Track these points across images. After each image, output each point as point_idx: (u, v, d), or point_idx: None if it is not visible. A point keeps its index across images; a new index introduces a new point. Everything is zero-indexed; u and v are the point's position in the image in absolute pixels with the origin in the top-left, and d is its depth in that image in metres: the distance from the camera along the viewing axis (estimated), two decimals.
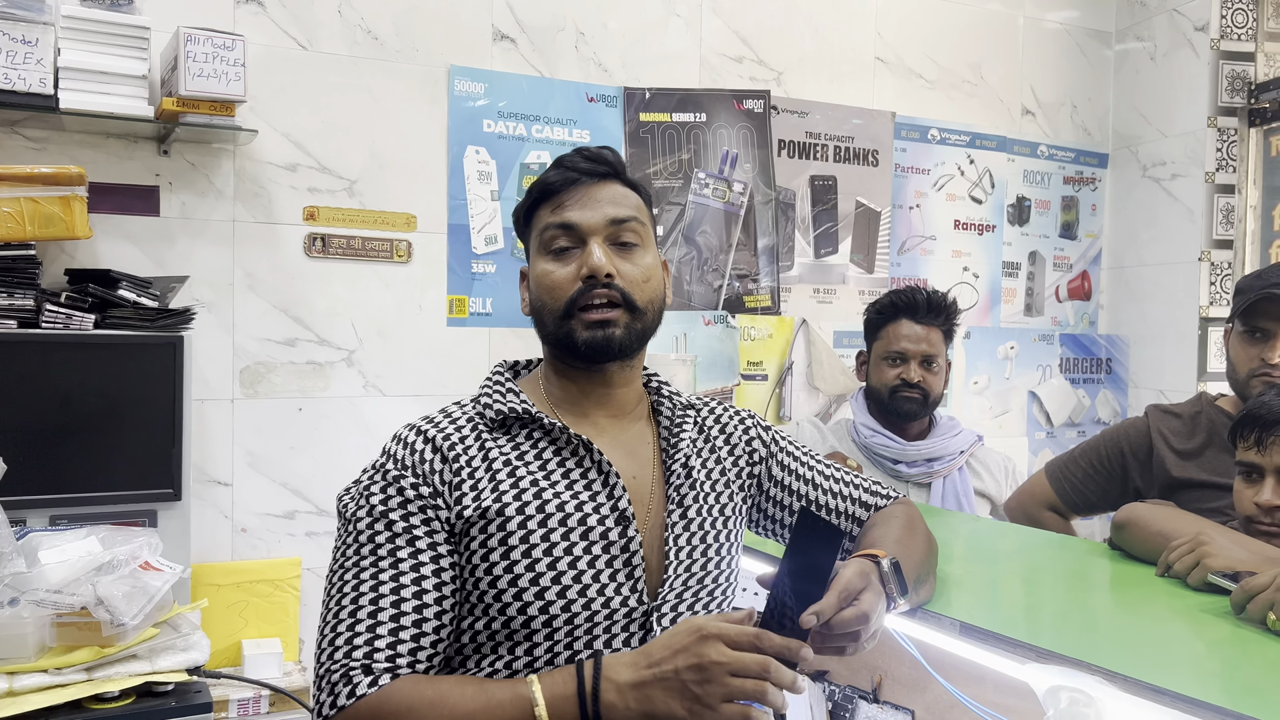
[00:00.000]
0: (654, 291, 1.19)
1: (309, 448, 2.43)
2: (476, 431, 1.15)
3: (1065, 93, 3.52)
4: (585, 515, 1.11)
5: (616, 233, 1.17)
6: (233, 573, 2.32)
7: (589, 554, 1.10)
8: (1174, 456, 1.93)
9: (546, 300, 1.17)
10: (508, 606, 1.08)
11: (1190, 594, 1.36)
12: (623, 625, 1.11)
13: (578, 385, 1.20)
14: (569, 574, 1.09)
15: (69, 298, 1.99)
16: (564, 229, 1.16)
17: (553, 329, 1.17)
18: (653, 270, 1.19)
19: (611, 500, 1.13)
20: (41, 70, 1.95)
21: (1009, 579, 1.61)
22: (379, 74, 2.51)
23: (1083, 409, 3.56)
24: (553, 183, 1.18)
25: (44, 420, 1.96)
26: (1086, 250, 3.60)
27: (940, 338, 2.45)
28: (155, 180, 2.28)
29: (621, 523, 1.12)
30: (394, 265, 2.53)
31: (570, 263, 1.15)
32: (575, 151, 1.20)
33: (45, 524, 1.94)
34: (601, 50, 2.78)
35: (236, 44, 2.08)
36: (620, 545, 1.11)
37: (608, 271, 1.13)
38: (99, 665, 1.66)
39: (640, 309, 1.16)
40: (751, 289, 2.97)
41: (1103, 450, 2.09)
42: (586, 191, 1.17)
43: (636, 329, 1.16)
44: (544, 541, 1.09)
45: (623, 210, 1.17)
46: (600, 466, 1.14)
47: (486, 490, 1.10)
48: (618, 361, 1.18)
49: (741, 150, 2.95)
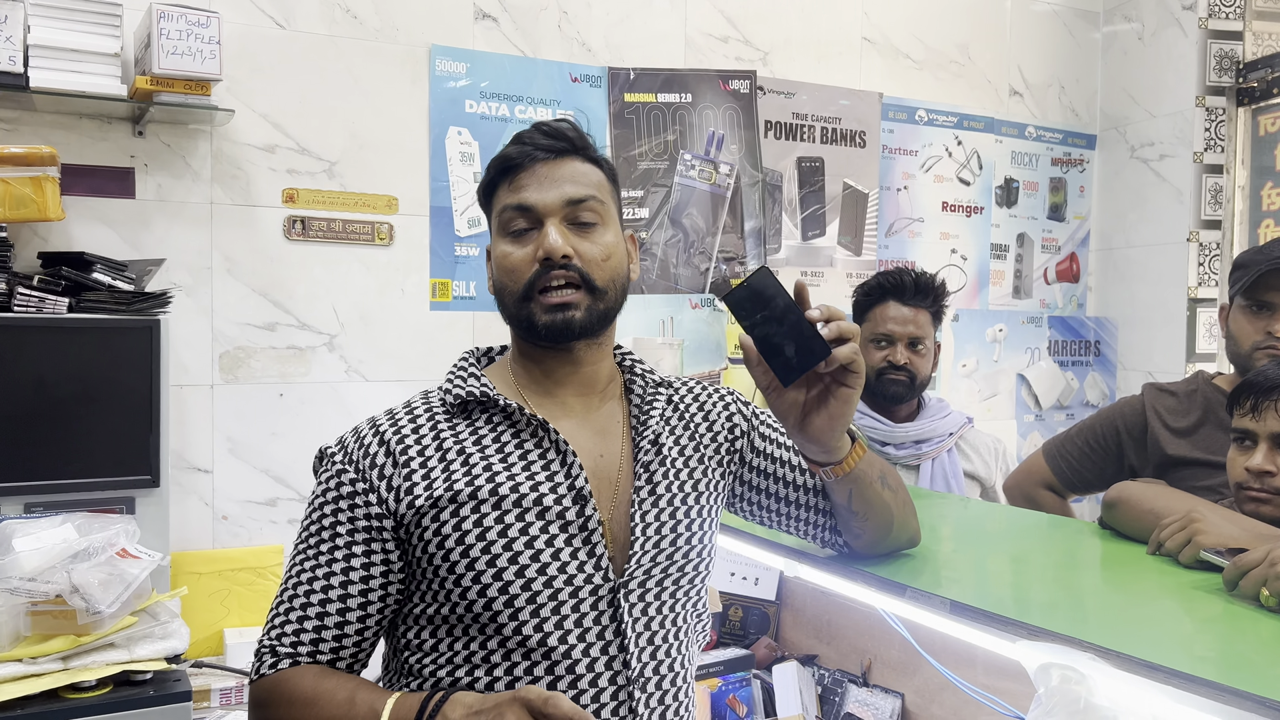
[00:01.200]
0: (615, 270, 1.17)
1: (290, 434, 2.40)
2: (433, 421, 1.15)
3: (1053, 74, 3.50)
4: (541, 495, 1.10)
5: (574, 213, 1.15)
6: (214, 561, 2.29)
7: (546, 533, 1.09)
8: (1169, 434, 1.93)
9: (506, 282, 1.15)
10: (467, 591, 1.07)
11: (1182, 572, 1.34)
12: (590, 604, 1.10)
13: (543, 365, 1.19)
14: (526, 554, 1.08)
15: (42, 281, 1.95)
16: (520, 210, 1.14)
17: (514, 311, 1.15)
18: (613, 248, 1.17)
19: (569, 479, 1.11)
20: (11, 48, 1.91)
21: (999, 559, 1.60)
22: (359, 54, 2.47)
23: (1071, 391, 3.55)
24: (510, 158, 1.16)
25: (17, 406, 1.92)
26: (1075, 232, 3.59)
27: (928, 320, 2.43)
28: (130, 162, 2.24)
29: (579, 501, 1.11)
30: (375, 248, 2.50)
31: (528, 244, 1.14)
32: (535, 126, 1.18)
33: (20, 512, 1.90)
34: (585, 30, 2.74)
35: (211, 21, 2.04)
36: (578, 524, 1.10)
37: (564, 253, 1.12)
38: (75, 654, 1.63)
39: (601, 289, 1.14)
40: (739, 271, 2.94)
41: (1098, 429, 2.09)
42: (544, 170, 1.15)
43: (598, 309, 1.15)
44: (499, 524, 1.08)
45: (580, 189, 1.15)
46: (558, 446, 1.12)
47: (439, 478, 1.10)
48: (582, 341, 1.16)
49: (728, 131, 2.92)
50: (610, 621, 1.10)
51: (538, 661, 1.07)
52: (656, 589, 1.15)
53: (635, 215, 2.80)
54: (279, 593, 1.13)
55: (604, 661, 1.09)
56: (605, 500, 1.14)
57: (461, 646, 1.09)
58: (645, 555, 1.13)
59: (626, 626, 1.10)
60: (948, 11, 3.28)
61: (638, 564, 1.12)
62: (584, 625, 1.09)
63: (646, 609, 1.13)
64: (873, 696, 1.96)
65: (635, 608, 1.11)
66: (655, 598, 1.14)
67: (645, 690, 1.11)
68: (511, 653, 1.08)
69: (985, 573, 1.49)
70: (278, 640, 1.10)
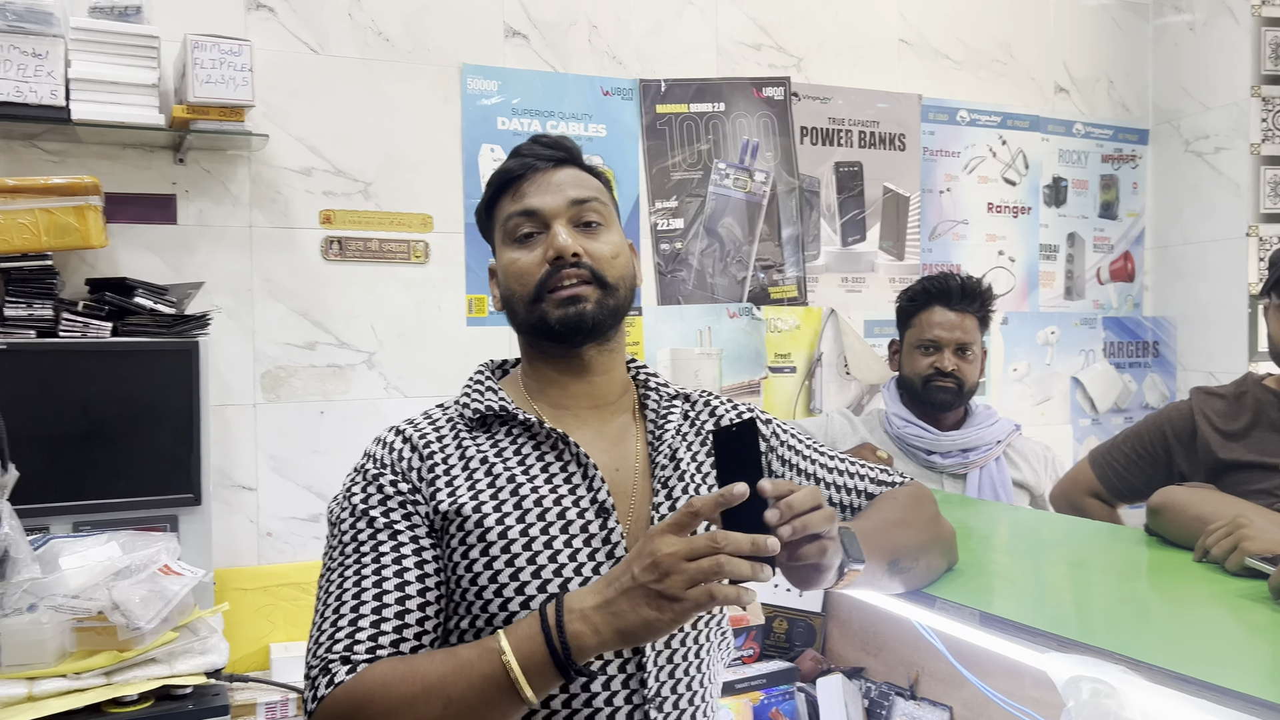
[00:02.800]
0: (623, 268, 1.18)
1: (332, 450, 2.43)
2: (455, 431, 1.15)
3: (1101, 68, 3.41)
4: (564, 509, 1.10)
5: (579, 213, 1.16)
6: (259, 577, 2.33)
7: (570, 547, 1.08)
8: (1219, 438, 1.86)
9: (516, 288, 1.16)
10: (489, 604, 1.06)
11: (1229, 579, 1.30)
12: None
13: (556, 373, 1.19)
14: (549, 568, 1.07)
15: (86, 306, 2.01)
16: (526, 215, 1.15)
17: (524, 314, 1.16)
18: (620, 248, 1.18)
19: (591, 493, 1.11)
20: (52, 82, 1.97)
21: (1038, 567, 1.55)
22: (391, 75, 2.51)
23: (1129, 394, 3.44)
24: (511, 170, 1.17)
25: (65, 428, 1.98)
26: (1128, 230, 3.49)
27: (975, 325, 2.38)
28: (172, 188, 2.29)
29: (601, 514, 1.10)
30: (412, 266, 2.52)
31: (536, 248, 1.15)
32: (532, 139, 1.20)
33: (69, 531, 1.95)
34: (616, 43, 2.75)
35: (243, 49, 2.08)
36: (601, 538, 1.09)
37: (575, 250, 1.13)
38: (117, 669, 1.67)
39: (611, 284, 1.15)
40: (777, 280, 2.91)
41: (1145, 435, 2.02)
42: (545, 177, 1.16)
43: (609, 304, 1.15)
44: (523, 537, 1.07)
45: (584, 191, 1.17)
46: (579, 459, 1.12)
47: (463, 489, 1.10)
48: (593, 342, 1.16)
49: (762, 139, 2.90)
50: None
51: None
52: None
53: (670, 226, 2.79)
54: (321, 613, 1.04)
55: (620, 680, 1.07)
56: (623, 514, 1.13)
57: None
58: None
59: (645, 645, 1.08)
60: (988, 10, 3.22)
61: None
62: None
63: None
64: (920, 710, 1.92)
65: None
66: None
67: (662, 710, 1.09)
68: None
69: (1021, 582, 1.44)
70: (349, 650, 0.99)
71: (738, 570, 0.88)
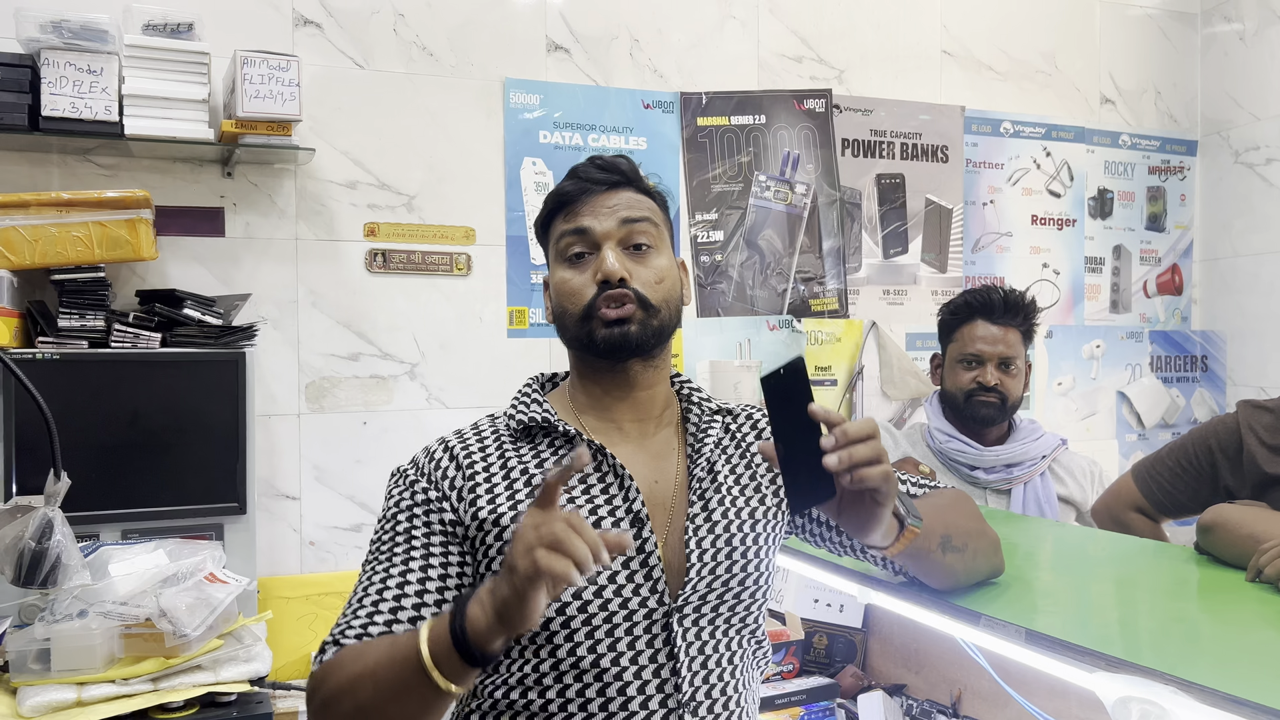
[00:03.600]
0: (668, 291, 1.21)
1: (374, 461, 2.45)
2: (499, 443, 1.20)
3: (1148, 79, 3.36)
4: (600, 519, 1.12)
5: (629, 235, 1.19)
6: (302, 585, 2.35)
7: None
8: (1266, 452, 1.82)
9: (567, 306, 1.20)
10: None
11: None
12: (644, 627, 1.11)
13: (602, 388, 1.22)
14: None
15: (137, 318, 2.05)
16: (578, 234, 1.19)
17: (574, 331, 1.20)
18: (666, 271, 1.21)
19: (627, 503, 1.14)
20: (106, 98, 2.02)
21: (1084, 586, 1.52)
22: (435, 89, 2.54)
23: (1177, 409, 3.38)
24: (567, 192, 1.21)
25: (115, 437, 2.02)
26: (1176, 242, 3.43)
27: (1018, 338, 2.35)
28: (220, 202, 2.34)
29: (636, 524, 1.13)
30: (454, 278, 2.55)
31: (586, 269, 1.19)
32: (589, 160, 1.23)
33: (117, 538, 1.99)
34: (657, 56, 2.76)
35: (291, 65, 2.12)
36: (635, 548, 1.12)
37: (620, 275, 1.16)
38: (164, 676, 1.69)
39: (655, 307, 1.18)
40: (818, 292, 2.90)
41: (1190, 449, 1.98)
42: (599, 199, 1.20)
43: (653, 325, 1.18)
44: None
45: (634, 213, 1.20)
46: (616, 470, 1.15)
47: (503, 498, 1.14)
48: (638, 359, 1.20)
49: (803, 151, 2.89)
50: (664, 645, 1.11)
51: (589, 684, 1.08)
52: (711, 614, 1.15)
53: (710, 238, 2.79)
54: (349, 600, 1.13)
55: (655, 685, 1.09)
56: (660, 525, 1.16)
57: (516, 668, 1.11)
58: (700, 580, 1.14)
59: (680, 650, 1.11)
60: (1032, 21, 3.19)
61: (692, 589, 1.13)
62: (637, 648, 1.10)
63: (700, 634, 1.14)
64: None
65: (689, 632, 1.12)
66: (710, 624, 1.15)
67: (697, 715, 1.11)
68: (564, 674, 1.09)
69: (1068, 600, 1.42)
70: (343, 635, 1.08)
71: (572, 545, 0.88)
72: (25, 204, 1.98)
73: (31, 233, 1.97)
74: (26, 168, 2.19)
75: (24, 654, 1.59)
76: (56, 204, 1.98)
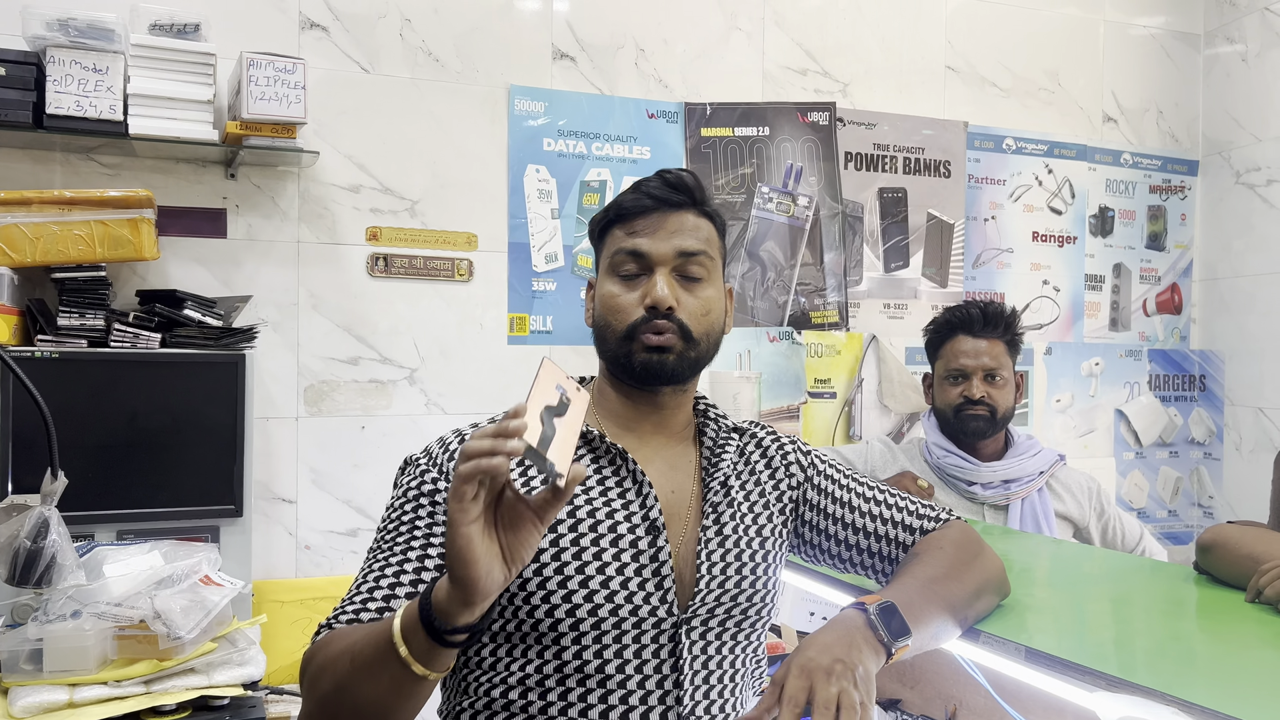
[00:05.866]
0: (712, 324, 1.21)
1: (372, 465, 2.44)
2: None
3: (1150, 98, 3.38)
4: (616, 523, 1.13)
5: (684, 265, 1.19)
6: (297, 589, 2.34)
7: (618, 560, 1.11)
8: None
9: (610, 320, 1.19)
10: (536, 609, 1.09)
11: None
12: (652, 636, 1.11)
13: (630, 402, 1.22)
14: (597, 579, 1.09)
15: (137, 317, 2.05)
16: (633, 255, 1.19)
17: (614, 348, 1.19)
18: (713, 303, 1.21)
19: (644, 510, 1.14)
20: (111, 97, 2.02)
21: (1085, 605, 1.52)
22: (440, 95, 2.54)
23: (1174, 428, 3.38)
24: (628, 207, 1.20)
25: (113, 437, 2.01)
26: (1176, 262, 3.43)
27: (1003, 350, 2.37)
28: (223, 203, 2.33)
29: (652, 532, 1.13)
30: (455, 284, 2.54)
31: (636, 289, 1.18)
32: (657, 174, 1.22)
33: (113, 539, 1.98)
34: (662, 67, 2.76)
35: (297, 68, 2.12)
36: (649, 554, 1.12)
37: (669, 305, 1.16)
38: (157, 678, 1.68)
39: (696, 339, 1.18)
40: (818, 304, 2.90)
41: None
42: (660, 220, 1.19)
43: (690, 357, 1.18)
44: (574, 545, 1.10)
45: (692, 243, 1.19)
46: (635, 476, 1.15)
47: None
48: (670, 386, 1.20)
49: (806, 163, 2.89)
50: (669, 656, 1.11)
51: (592, 689, 1.08)
52: (718, 628, 1.15)
53: None
54: (350, 586, 1.12)
55: (658, 695, 1.09)
56: (674, 536, 1.16)
57: (518, 668, 1.10)
58: (710, 594, 1.14)
59: (684, 663, 1.11)
60: (1036, 39, 3.20)
61: (701, 601, 1.13)
62: (643, 656, 1.10)
63: (706, 647, 1.14)
64: None
65: (695, 645, 1.12)
66: (716, 637, 1.15)
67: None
68: (567, 677, 1.09)
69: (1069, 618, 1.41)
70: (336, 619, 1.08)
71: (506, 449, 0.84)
72: (27, 201, 1.97)
73: (33, 230, 1.96)
74: (29, 165, 2.18)
75: (16, 654, 1.58)
76: (59, 202, 1.98)
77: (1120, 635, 1.36)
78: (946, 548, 1.24)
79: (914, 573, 1.18)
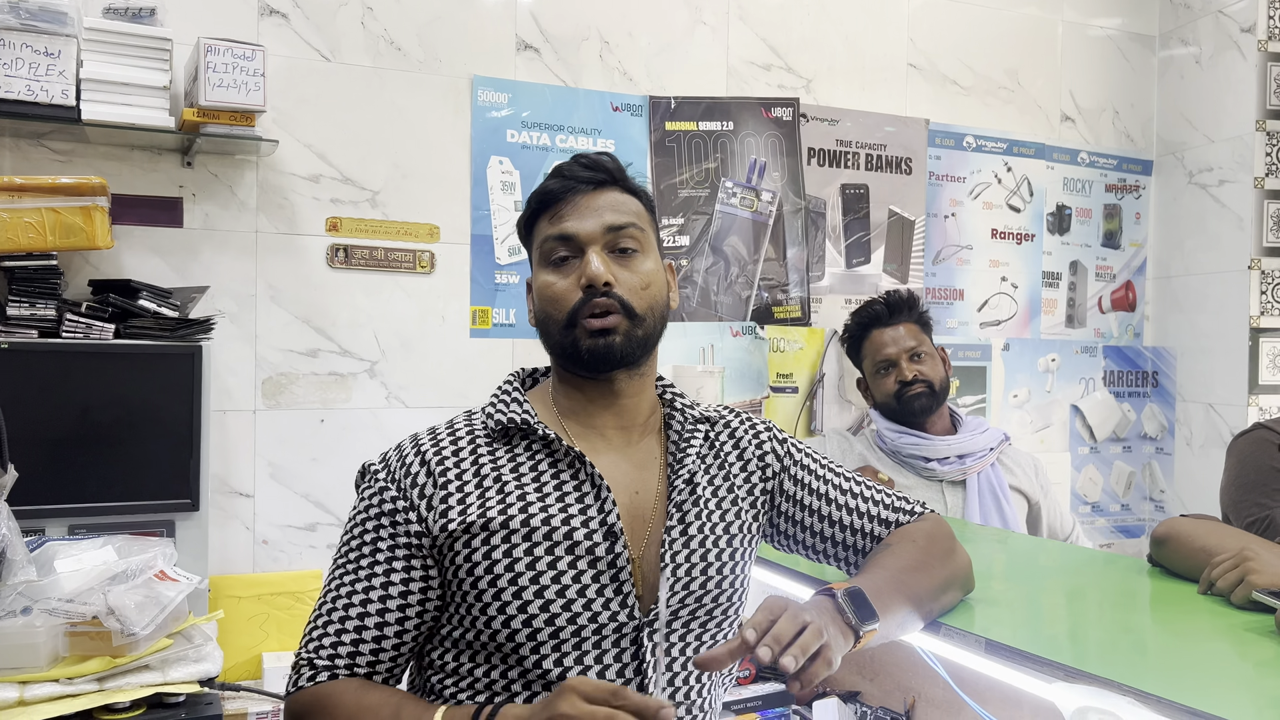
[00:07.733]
0: (654, 298, 1.18)
1: (331, 459, 2.41)
2: (474, 444, 1.15)
3: (1107, 98, 3.43)
4: (573, 530, 1.10)
5: (615, 240, 1.16)
6: (254, 585, 2.31)
7: (574, 569, 1.08)
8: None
9: (550, 311, 1.16)
10: (492, 620, 1.07)
11: (1234, 613, 1.29)
12: (613, 640, 1.09)
13: (585, 394, 1.19)
14: (552, 588, 1.07)
15: (89, 307, 2.00)
16: (562, 240, 1.16)
17: (558, 338, 1.16)
18: (652, 276, 1.18)
19: (601, 515, 1.11)
20: (64, 82, 1.97)
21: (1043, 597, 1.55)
22: (402, 85, 2.51)
23: (1128, 423, 3.44)
24: (551, 191, 1.18)
25: (64, 430, 1.96)
26: (1130, 260, 3.49)
27: (918, 330, 2.55)
28: (179, 192, 2.29)
29: (610, 538, 1.10)
30: (417, 276, 2.52)
31: (570, 273, 1.15)
32: (573, 159, 1.20)
33: (64, 533, 1.94)
34: (627, 59, 2.75)
35: (256, 54, 2.08)
36: (607, 561, 1.09)
37: (606, 280, 1.13)
38: (110, 675, 1.65)
39: (639, 315, 1.15)
40: (781, 299, 2.91)
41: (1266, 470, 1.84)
42: (584, 200, 1.17)
43: (637, 335, 1.15)
44: (527, 555, 1.08)
45: (620, 217, 1.16)
46: (593, 480, 1.12)
47: (474, 504, 1.10)
48: (623, 370, 1.17)
49: (770, 159, 2.90)
50: (632, 660, 1.09)
51: None
52: (683, 629, 1.14)
53: (676, 243, 2.79)
54: (317, 606, 1.13)
55: None
56: (637, 537, 1.13)
57: (483, 674, 1.09)
58: (673, 596, 1.12)
59: (648, 666, 1.09)
60: (996, 38, 3.24)
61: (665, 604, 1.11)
62: (604, 662, 1.08)
63: (670, 649, 1.12)
64: None
65: (659, 648, 1.10)
66: (680, 638, 1.13)
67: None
68: (532, 683, 1.07)
69: (1027, 611, 1.43)
70: (315, 653, 1.09)
71: None
72: None
73: None
74: None
75: None
76: (8, 189, 1.92)
77: (1075, 627, 1.38)
78: (919, 540, 1.24)
79: (883, 563, 1.18)
